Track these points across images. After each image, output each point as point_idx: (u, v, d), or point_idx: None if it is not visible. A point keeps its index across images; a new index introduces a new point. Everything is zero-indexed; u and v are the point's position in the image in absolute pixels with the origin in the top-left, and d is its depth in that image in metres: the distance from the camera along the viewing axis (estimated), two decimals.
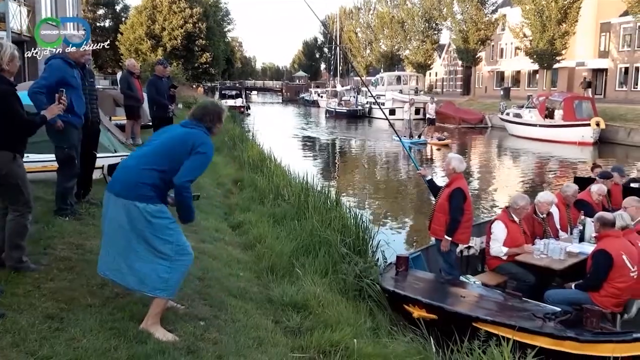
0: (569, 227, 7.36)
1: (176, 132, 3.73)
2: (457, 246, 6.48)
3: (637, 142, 25.49)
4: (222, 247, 6.07)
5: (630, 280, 5.40)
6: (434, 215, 6.39)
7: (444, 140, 26.12)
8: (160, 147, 3.64)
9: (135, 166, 3.60)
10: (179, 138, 3.64)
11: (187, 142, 3.58)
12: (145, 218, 3.49)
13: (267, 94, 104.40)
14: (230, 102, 45.30)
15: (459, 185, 6.20)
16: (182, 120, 3.85)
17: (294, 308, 4.74)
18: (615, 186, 8.53)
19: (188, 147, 3.56)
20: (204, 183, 9.64)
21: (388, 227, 11.25)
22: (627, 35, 41.41)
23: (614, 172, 8.86)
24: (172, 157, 3.55)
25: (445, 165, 6.47)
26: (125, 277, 3.58)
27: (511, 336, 4.38)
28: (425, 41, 56.16)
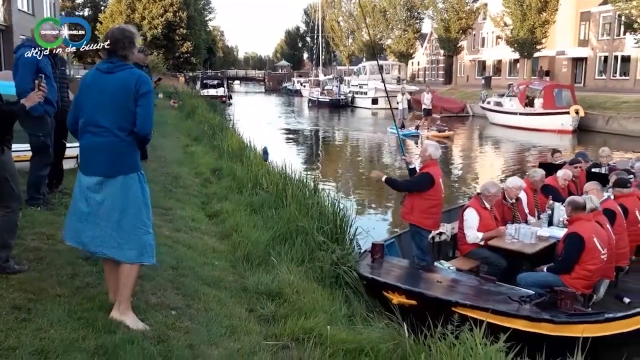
0: (537, 211, 7.46)
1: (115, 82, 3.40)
2: (430, 232, 6.53)
3: (615, 130, 25.82)
4: (197, 237, 6.04)
5: (601, 262, 5.54)
6: (405, 200, 6.42)
7: (445, 132, 25.15)
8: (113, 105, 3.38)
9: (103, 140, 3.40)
10: (123, 88, 3.38)
11: (130, 89, 3.37)
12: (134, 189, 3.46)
13: (249, 83, 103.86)
14: (212, 91, 45.09)
15: (429, 170, 6.24)
16: (103, 63, 3.48)
17: (268, 296, 4.74)
18: (580, 171, 8.75)
19: (132, 93, 3.37)
20: (182, 172, 9.58)
21: (367, 214, 11.29)
22: (607, 24, 41.75)
23: (578, 157, 9.07)
24: (129, 111, 3.38)
25: (422, 151, 6.49)
26: (112, 248, 3.45)
27: (490, 320, 4.45)
28: (407, 30, 56.17)
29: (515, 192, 7.09)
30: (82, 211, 3.47)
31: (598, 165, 9.98)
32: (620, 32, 38.42)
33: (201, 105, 23.21)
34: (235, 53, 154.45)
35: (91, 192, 3.43)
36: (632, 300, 5.88)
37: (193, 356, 3.46)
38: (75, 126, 3.56)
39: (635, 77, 38.60)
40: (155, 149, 11.02)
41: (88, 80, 3.52)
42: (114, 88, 3.38)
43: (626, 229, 6.50)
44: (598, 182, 7.17)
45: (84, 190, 3.46)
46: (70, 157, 6.91)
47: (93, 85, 3.46)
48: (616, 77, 40.89)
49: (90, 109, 3.43)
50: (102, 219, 3.43)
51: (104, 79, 3.43)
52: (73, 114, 3.60)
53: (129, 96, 3.37)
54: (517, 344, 3.98)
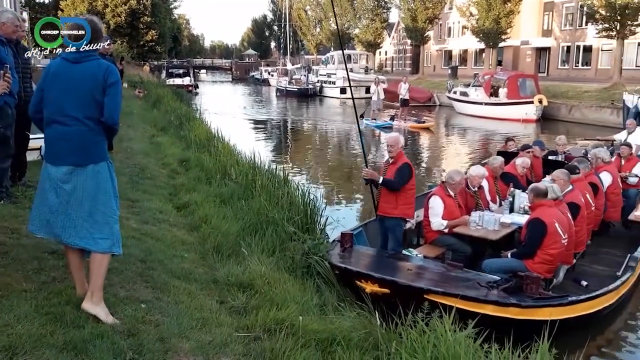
0: (498, 198, 7.64)
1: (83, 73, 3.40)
2: (406, 222, 6.61)
3: (577, 119, 26.45)
4: (166, 229, 5.96)
5: (562, 247, 5.73)
6: (381, 195, 6.45)
7: (425, 123, 24.87)
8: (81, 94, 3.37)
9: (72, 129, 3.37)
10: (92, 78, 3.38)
11: (98, 79, 3.37)
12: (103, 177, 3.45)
13: (216, 72, 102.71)
14: (177, 80, 44.42)
15: (406, 161, 6.37)
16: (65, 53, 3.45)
17: (239, 288, 4.72)
18: (536, 159, 9.05)
19: (100, 83, 3.37)
20: (148, 163, 9.44)
21: (336, 204, 11.33)
22: (569, 15, 42.61)
23: (535, 146, 9.44)
24: (97, 101, 3.38)
25: (393, 143, 6.50)
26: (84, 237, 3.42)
27: (461, 306, 4.57)
28: (375, 20, 56.23)
29: (478, 180, 7.24)
30: (52, 202, 3.41)
31: (554, 153, 10.28)
32: (582, 23, 39.26)
33: (167, 95, 22.86)
34: (201, 42, 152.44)
35: (61, 182, 3.38)
36: (590, 283, 6.11)
37: (164, 349, 3.43)
38: (38, 115, 3.50)
39: (596, 67, 39.54)
40: (121, 139, 10.82)
41: (54, 69, 3.46)
42: (83, 78, 3.37)
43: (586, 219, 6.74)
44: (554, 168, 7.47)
45: (54, 181, 3.40)
46: (33, 148, 6.75)
47: (60, 74, 3.42)
48: (578, 66, 41.83)
49: (57, 99, 3.38)
50: (73, 209, 3.39)
51: (71, 68, 3.41)
52: (35, 103, 3.52)
53: (97, 86, 3.36)
54: (486, 328, 4.07)
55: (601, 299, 5.25)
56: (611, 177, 8.08)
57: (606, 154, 8.62)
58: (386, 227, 6.54)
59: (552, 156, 10.06)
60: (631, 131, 11.13)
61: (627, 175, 8.88)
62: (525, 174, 8.34)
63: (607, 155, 8.58)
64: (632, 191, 8.84)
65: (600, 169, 8.14)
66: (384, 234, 6.65)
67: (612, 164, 8.62)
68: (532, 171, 8.66)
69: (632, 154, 9.36)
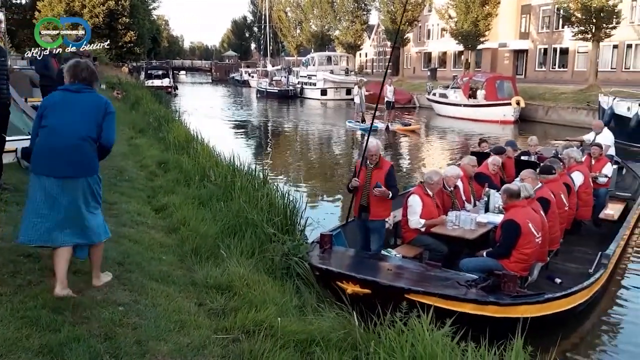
0: (472, 198, 7.74)
1: (85, 100, 3.92)
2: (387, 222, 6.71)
3: (554, 120, 26.83)
4: (144, 231, 5.92)
5: (536, 246, 5.84)
6: (372, 200, 6.45)
7: (410, 126, 24.54)
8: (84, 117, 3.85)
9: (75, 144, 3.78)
10: (94, 105, 3.92)
11: (100, 107, 3.92)
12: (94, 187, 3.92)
13: (196, 73, 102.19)
14: (157, 82, 44.10)
15: (390, 163, 6.55)
16: (71, 85, 3.97)
17: (218, 290, 4.71)
18: (509, 159, 9.19)
19: (102, 111, 3.91)
20: (127, 165, 9.35)
21: (318, 205, 11.35)
22: (546, 17, 43.24)
23: (507, 146, 9.61)
24: (97, 124, 3.88)
25: (376, 150, 6.52)
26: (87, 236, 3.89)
27: (441, 305, 4.66)
28: (355, 21, 56.42)
29: (454, 181, 7.34)
30: (49, 212, 3.75)
31: (527, 154, 10.47)
32: (559, 25, 39.87)
33: (146, 96, 22.65)
34: (180, 43, 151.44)
35: (57, 192, 3.75)
36: (563, 280, 6.23)
37: (141, 352, 3.42)
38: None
39: (573, 69, 40.17)
40: None
41: (57, 99, 3.93)
42: (87, 103, 3.91)
43: (557, 215, 6.87)
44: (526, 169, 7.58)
45: (49, 192, 3.75)
46: (9, 150, 6.67)
47: (64, 101, 3.89)
48: (555, 69, 42.46)
49: (60, 118, 3.81)
50: (70, 215, 3.79)
51: (75, 96, 3.91)
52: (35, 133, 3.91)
53: (99, 112, 3.90)
54: (465, 327, 4.12)
55: (576, 296, 5.36)
56: (583, 177, 8.26)
57: (578, 154, 8.80)
58: (372, 229, 6.57)
59: (525, 156, 10.23)
60: (598, 132, 11.40)
61: (597, 175, 9.10)
62: (498, 174, 8.48)
63: (579, 156, 8.77)
64: (602, 190, 9.07)
65: (572, 168, 8.31)
66: (366, 235, 6.67)
67: (583, 164, 8.80)
68: (503, 171, 8.79)
69: (602, 154, 9.60)
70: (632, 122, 19.06)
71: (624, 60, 36.63)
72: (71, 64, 4.01)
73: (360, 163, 6.64)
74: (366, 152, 6.51)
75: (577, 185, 8.02)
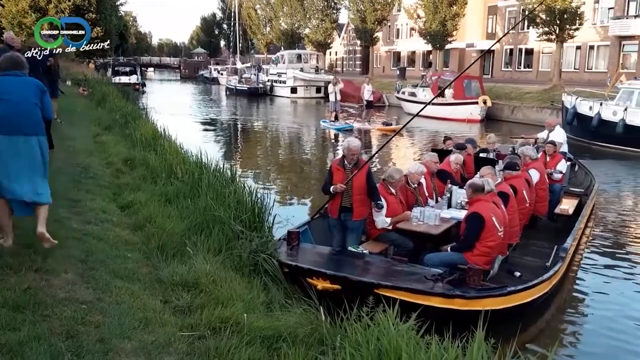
0: (435, 195, 7.87)
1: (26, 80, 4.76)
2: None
3: (519, 119, 27.36)
4: (109, 229, 5.83)
5: (498, 239, 5.97)
6: (354, 200, 6.41)
7: (392, 126, 23.68)
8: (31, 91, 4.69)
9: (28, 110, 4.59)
10: (33, 84, 4.77)
11: (38, 85, 4.81)
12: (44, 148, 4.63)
13: (164, 70, 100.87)
14: (124, 78, 43.41)
15: (367, 162, 6.57)
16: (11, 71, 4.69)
17: (184, 287, 4.67)
18: (468, 156, 9.42)
19: (39, 89, 4.77)
20: (92, 162, 9.19)
21: (287, 203, 11.35)
22: (512, 18, 44.02)
23: (468, 143, 9.81)
24: (38, 98, 4.71)
25: (354, 150, 6.45)
26: (42, 197, 4.54)
27: (410, 299, 4.74)
28: (325, 20, 56.48)
29: (417, 177, 7.42)
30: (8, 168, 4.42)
31: (485, 151, 10.75)
32: (524, 26, 40.58)
33: (112, 93, 22.23)
34: (148, 39, 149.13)
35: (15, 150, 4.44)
36: (522, 273, 6.38)
37: (104, 350, 3.38)
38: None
39: (537, 69, 41.02)
40: (64, 138, 10.49)
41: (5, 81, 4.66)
42: (29, 84, 4.76)
43: (517, 209, 7.04)
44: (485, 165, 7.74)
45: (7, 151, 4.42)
46: None
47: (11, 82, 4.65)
48: (521, 69, 43.29)
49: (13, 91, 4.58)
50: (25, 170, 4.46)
51: (18, 79, 4.70)
52: None
53: (38, 90, 4.76)
54: (431, 320, 4.18)
55: (536, 288, 5.49)
56: (539, 174, 8.48)
57: (533, 151, 9.03)
58: (351, 228, 6.54)
59: (483, 154, 10.49)
60: (551, 130, 11.76)
61: (552, 171, 9.37)
62: (459, 171, 8.65)
63: (534, 153, 9.01)
64: (557, 186, 9.36)
65: (529, 165, 8.52)
66: (344, 234, 6.65)
67: (539, 161, 9.03)
68: (464, 168, 8.96)
69: (556, 151, 9.91)
70: (594, 121, 19.56)
71: (586, 61, 37.56)
72: (7, 56, 4.82)
73: (337, 163, 6.56)
74: (346, 150, 6.45)
75: (534, 181, 8.23)
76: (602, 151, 18.95)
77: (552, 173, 9.33)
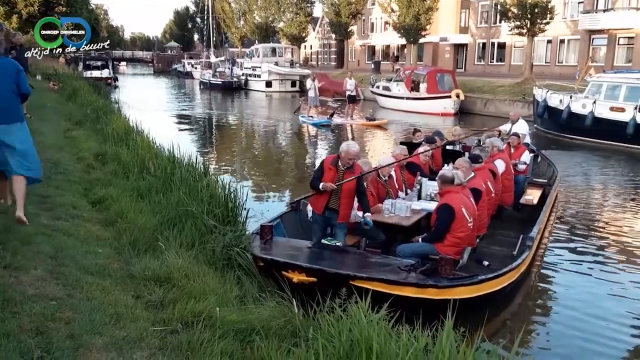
0: (404, 187, 7.96)
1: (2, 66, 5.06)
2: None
3: (492, 112, 27.70)
4: (79, 224, 5.76)
5: (468, 230, 6.09)
6: (341, 203, 6.36)
7: (377, 121, 23.54)
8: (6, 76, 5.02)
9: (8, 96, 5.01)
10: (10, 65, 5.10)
11: (14, 65, 5.12)
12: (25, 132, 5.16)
13: (137, 65, 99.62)
14: (96, 73, 42.81)
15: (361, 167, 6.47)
16: None
17: (156, 282, 4.64)
18: (436, 149, 9.52)
19: (16, 68, 5.10)
20: (62, 158, 9.06)
21: (262, 197, 11.33)
22: (485, 12, 44.52)
23: (435, 136, 9.89)
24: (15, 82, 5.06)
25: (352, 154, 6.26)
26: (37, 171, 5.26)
27: (385, 290, 4.80)
28: (299, 13, 56.33)
29: (388, 170, 7.48)
30: None
31: (452, 143, 10.95)
32: (496, 20, 41.10)
33: (84, 88, 21.88)
34: (120, 33, 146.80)
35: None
36: (490, 262, 6.52)
37: (75, 346, 3.35)
38: None
39: (510, 63, 41.54)
40: (33, 134, 10.15)
41: None
42: (7, 67, 5.08)
43: (487, 204, 7.21)
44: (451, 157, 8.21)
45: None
46: None
47: None
48: (493, 62, 43.79)
49: None
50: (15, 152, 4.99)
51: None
52: None
53: (15, 72, 5.09)
54: (405, 310, 4.23)
55: (506, 276, 5.63)
56: (504, 164, 8.65)
57: (500, 143, 9.21)
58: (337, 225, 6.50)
59: (450, 146, 10.70)
60: (515, 122, 12.06)
61: (517, 162, 9.62)
62: (428, 163, 8.80)
63: (501, 144, 9.19)
64: (521, 177, 9.60)
65: (495, 156, 8.68)
66: (324, 229, 6.64)
67: (504, 152, 9.21)
68: (432, 160, 9.12)
69: (519, 143, 10.18)
70: (564, 114, 19.93)
71: (557, 55, 38.17)
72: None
73: (330, 162, 6.38)
74: (343, 153, 6.27)
75: (500, 171, 8.41)
76: (572, 143, 19.33)
77: (517, 164, 9.57)
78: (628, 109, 17.83)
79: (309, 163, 16.53)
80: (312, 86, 25.52)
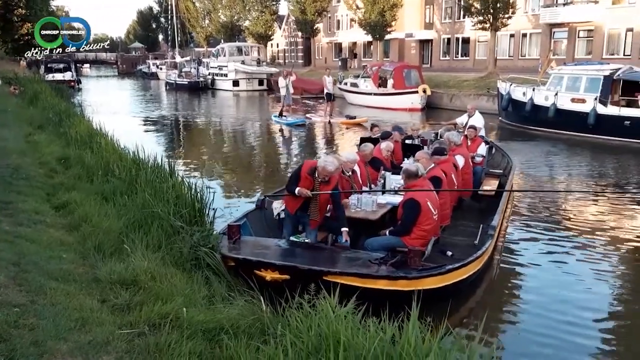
0: (368, 182, 8.04)
1: None
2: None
3: (458, 106, 28.01)
4: (42, 230, 5.66)
5: (434, 222, 6.21)
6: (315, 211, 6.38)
7: (356, 119, 23.38)
8: None
9: None
10: None
11: None
12: None
13: (101, 66, 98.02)
14: (58, 76, 42.01)
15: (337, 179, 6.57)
16: None
17: (122, 285, 4.59)
18: (396, 143, 9.71)
19: None
20: (23, 163, 8.88)
21: (231, 197, 11.29)
22: (448, 8, 45.03)
23: (394, 131, 10.17)
24: None
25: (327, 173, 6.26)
26: None
27: (358, 283, 4.86)
28: (265, 11, 56.11)
29: (351, 165, 7.54)
30: None
31: (410, 137, 11.28)
32: (460, 16, 41.62)
33: (45, 91, 21.42)
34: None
35: None
36: (453, 252, 6.65)
37: (39, 353, 3.30)
38: None
39: (474, 58, 42.11)
40: None
41: None
42: None
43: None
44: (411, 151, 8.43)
45: None
46: None
47: None
48: (458, 57, 44.34)
49: None
50: None
51: None
52: None
53: None
54: (377, 302, 4.28)
55: (472, 265, 5.73)
56: (464, 159, 8.84)
57: (457, 137, 9.36)
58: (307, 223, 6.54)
59: (409, 140, 10.95)
60: (471, 115, 12.40)
61: (474, 155, 9.86)
62: (389, 158, 8.91)
63: (459, 139, 9.33)
64: (478, 168, 9.85)
65: (455, 151, 8.82)
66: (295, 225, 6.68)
67: (462, 146, 9.40)
68: (393, 155, 9.23)
69: (476, 136, 10.45)
70: (527, 106, 20.34)
71: (519, 49, 38.84)
72: None
73: (307, 171, 6.37)
74: (320, 169, 6.26)
75: (460, 166, 8.55)
76: (536, 134, 19.76)
77: (474, 156, 9.79)
78: (589, 100, 18.29)
79: (276, 160, 16.54)
80: (285, 84, 25.16)
